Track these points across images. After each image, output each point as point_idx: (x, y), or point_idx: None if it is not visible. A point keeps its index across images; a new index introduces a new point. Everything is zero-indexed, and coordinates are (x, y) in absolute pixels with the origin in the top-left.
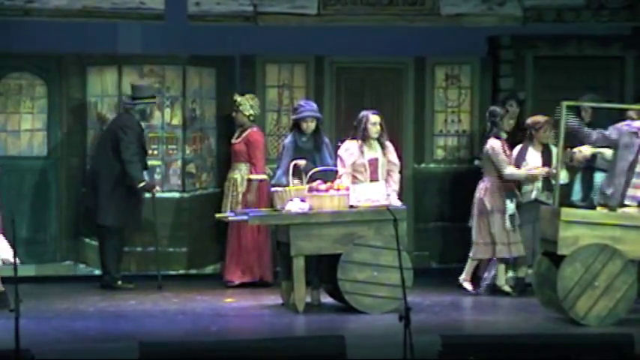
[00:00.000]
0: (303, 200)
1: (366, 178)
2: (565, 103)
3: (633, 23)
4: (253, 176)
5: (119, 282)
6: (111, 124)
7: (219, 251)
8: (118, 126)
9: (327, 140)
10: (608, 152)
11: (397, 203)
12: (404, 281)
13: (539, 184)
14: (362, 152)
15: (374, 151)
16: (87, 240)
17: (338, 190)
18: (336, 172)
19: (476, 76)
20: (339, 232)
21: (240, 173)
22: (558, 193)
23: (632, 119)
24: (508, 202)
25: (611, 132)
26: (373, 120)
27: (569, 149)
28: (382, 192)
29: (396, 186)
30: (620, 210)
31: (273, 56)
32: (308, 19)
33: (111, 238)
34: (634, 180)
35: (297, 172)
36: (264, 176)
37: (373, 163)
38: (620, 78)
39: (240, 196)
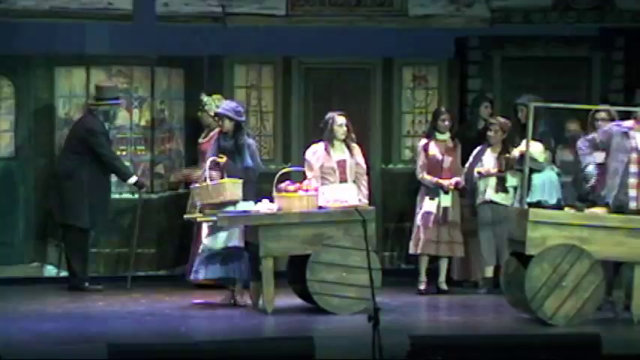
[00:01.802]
0: (271, 200)
1: (336, 179)
2: (532, 104)
3: (600, 24)
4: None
5: (86, 284)
6: (75, 126)
7: (188, 252)
8: (84, 129)
9: (250, 142)
10: (536, 152)
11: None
12: (372, 282)
13: (492, 185)
14: (329, 154)
15: (341, 153)
16: (55, 241)
17: (307, 190)
18: (247, 168)
19: (443, 77)
20: (308, 233)
21: None
22: (526, 193)
23: (604, 119)
24: (427, 199)
25: (601, 134)
26: (339, 121)
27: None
28: (352, 192)
29: (365, 190)
30: (587, 210)
31: (241, 57)
32: (276, 20)
33: (77, 239)
34: (631, 180)
35: (218, 169)
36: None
37: (342, 164)
38: (587, 79)
39: None
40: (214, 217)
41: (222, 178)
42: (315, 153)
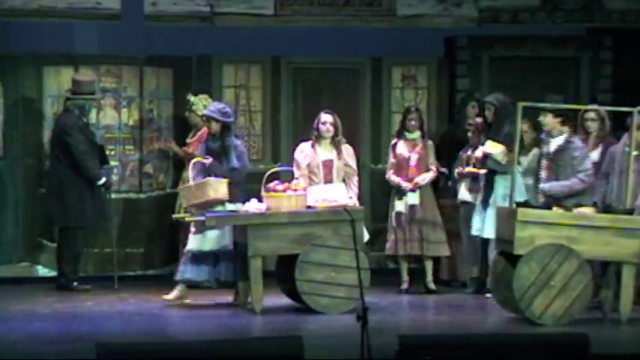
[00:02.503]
0: (260, 200)
1: (320, 179)
2: (521, 104)
3: (588, 24)
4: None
5: (75, 283)
6: (55, 126)
7: (177, 252)
8: (60, 128)
9: (237, 143)
10: (497, 153)
11: (354, 203)
12: (361, 281)
13: (466, 185)
14: (316, 153)
15: (328, 152)
16: (44, 241)
17: (295, 190)
18: (233, 169)
19: (433, 77)
20: (296, 233)
21: None
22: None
23: (593, 120)
24: (396, 199)
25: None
26: (323, 119)
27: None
28: (342, 192)
29: (356, 190)
30: (575, 210)
31: (229, 56)
32: (265, 20)
33: (70, 239)
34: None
35: (205, 170)
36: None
37: (327, 164)
38: (575, 79)
39: None
40: (202, 217)
41: (193, 178)
42: (303, 151)
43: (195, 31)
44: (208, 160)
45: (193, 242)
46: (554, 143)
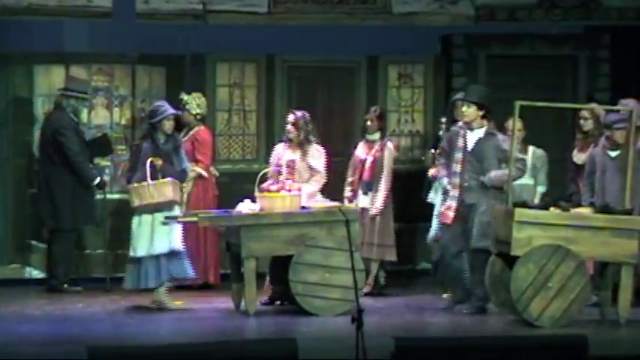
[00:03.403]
0: (253, 201)
1: (282, 180)
2: (518, 103)
3: (586, 22)
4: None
5: (65, 285)
6: (46, 125)
7: None
8: (53, 127)
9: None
10: None
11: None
12: (356, 283)
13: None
14: (284, 153)
15: (292, 152)
16: (34, 242)
17: (289, 190)
18: (183, 171)
19: (429, 75)
20: (290, 233)
21: None
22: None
23: (586, 118)
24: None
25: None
26: (287, 119)
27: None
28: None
29: (310, 188)
30: (573, 210)
31: (223, 55)
32: (258, 18)
33: (61, 241)
34: (453, 180)
35: (155, 173)
36: (210, 174)
37: (290, 164)
38: (573, 77)
39: (186, 196)
40: (195, 217)
41: (151, 177)
42: (275, 150)
43: (188, 30)
44: (159, 162)
45: (142, 246)
46: (475, 136)
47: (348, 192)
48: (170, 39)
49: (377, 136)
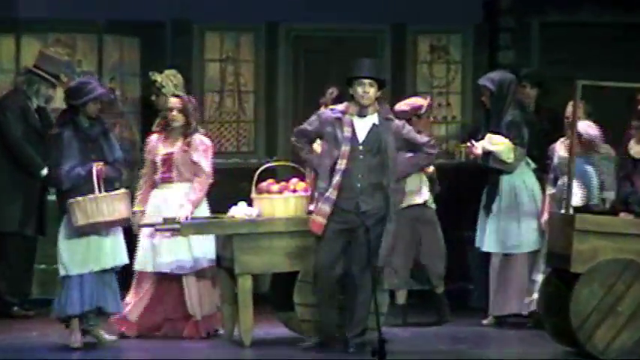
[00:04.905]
0: (250, 204)
1: (158, 178)
2: (580, 83)
3: None
4: None
5: (15, 308)
6: None
7: None
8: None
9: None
10: (500, 150)
11: (184, 215)
12: (377, 306)
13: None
14: (158, 145)
15: (171, 145)
16: None
17: (294, 191)
18: (117, 161)
19: (468, 49)
20: (294, 245)
21: None
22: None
23: None
24: None
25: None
26: (170, 104)
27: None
28: (175, 198)
29: (194, 195)
30: None
31: (214, 23)
32: None
33: (5, 248)
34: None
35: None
36: None
37: (167, 159)
38: None
39: None
40: (176, 225)
41: (99, 188)
42: (149, 143)
43: None
44: (99, 167)
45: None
46: (367, 123)
47: None
48: (146, 2)
49: None
